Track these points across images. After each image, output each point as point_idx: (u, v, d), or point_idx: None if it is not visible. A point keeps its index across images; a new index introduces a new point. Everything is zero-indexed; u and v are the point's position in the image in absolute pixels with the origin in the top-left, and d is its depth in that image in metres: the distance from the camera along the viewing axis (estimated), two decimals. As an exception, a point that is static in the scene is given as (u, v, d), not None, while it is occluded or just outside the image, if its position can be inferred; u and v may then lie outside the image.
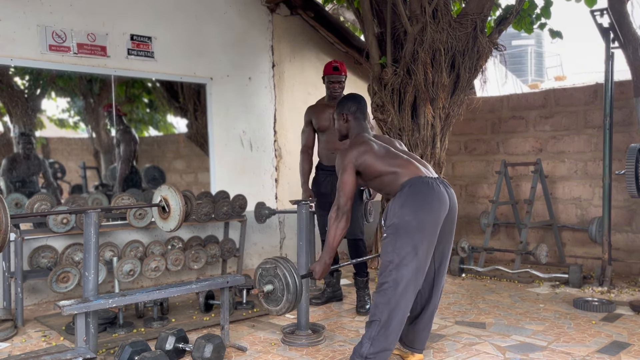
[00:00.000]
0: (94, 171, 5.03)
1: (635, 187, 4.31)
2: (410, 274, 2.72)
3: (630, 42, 4.83)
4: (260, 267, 2.94)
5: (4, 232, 2.51)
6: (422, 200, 2.73)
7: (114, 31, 4.91)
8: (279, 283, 2.82)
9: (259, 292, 2.87)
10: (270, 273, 2.88)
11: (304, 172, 4.39)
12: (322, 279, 3.01)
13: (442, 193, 2.79)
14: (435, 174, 2.91)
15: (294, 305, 2.81)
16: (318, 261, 2.94)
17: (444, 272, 3.04)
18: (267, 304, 2.92)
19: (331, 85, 4.25)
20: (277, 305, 2.87)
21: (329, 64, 4.30)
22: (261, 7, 6.00)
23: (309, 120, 4.35)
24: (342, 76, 4.26)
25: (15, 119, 4.54)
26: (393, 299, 2.72)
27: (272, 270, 2.86)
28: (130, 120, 5.23)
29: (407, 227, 2.71)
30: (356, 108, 3.15)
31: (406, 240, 2.71)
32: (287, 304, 2.81)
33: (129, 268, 4.04)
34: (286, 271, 2.80)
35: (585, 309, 4.11)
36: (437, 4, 5.08)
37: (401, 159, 2.90)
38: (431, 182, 2.78)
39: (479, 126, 6.49)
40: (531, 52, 24.08)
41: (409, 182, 2.78)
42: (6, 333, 3.60)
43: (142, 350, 2.91)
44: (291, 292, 2.78)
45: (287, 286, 2.79)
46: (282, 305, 2.83)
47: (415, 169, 2.85)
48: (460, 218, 6.57)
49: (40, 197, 4.02)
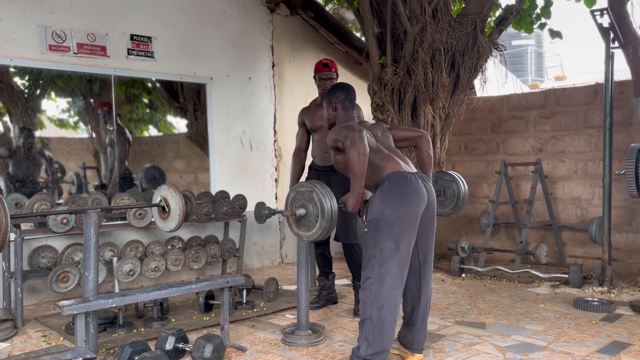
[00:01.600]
0: (94, 171, 5.04)
1: (635, 187, 4.31)
2: (393, 268, 2.75)
3: (630, 42, 4.83)
4: (294, 190, 2.84)
5: (4, 232, 2.51)
6: (400, 195, 2.76)
7: (114, 31, 4.91)
8: (313, 208, 2.71)
9: (290, 215, 2.78)
10: (304, 197, 2.77)
11: (294, 174, 4.39)
12: (355, 210, 2.86)
13: (420, 187, 2.83)
14: (414, 169, 2.96)
15: (327, 232, 2.73)
16: (350, 193, 2.83)
17: (430, 267, 3.06)
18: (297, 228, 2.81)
19: (322, 83, 4.22)
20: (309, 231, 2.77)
21: (319, 62, 4.29)
22: (261, 7, 6.00)
23: (302, 121, 4.32)
24: (333, 73, 4.23)
25: (15, 119, 4.54)
26: (380, 294, 2.74)
27: (307, 194, 2.75)
28: (130, 120, 5.23)
29: (387, 222, 2.74)
30: (345, 97, 3.16)
31: (386, 235, 2.74)
32: (320, 231, 2.72)
33: (128, 268, 4.04)
34: (322, 196, 2.69)
35: (585, 309, 4.11)
36: (437, 4, 5.08)
37: (382, 154, 2.93)
38: (410, 177, 2.82)
39: (479, 126, 6.49)
40: (531, 52, 24.08)
41: (388, 177, 2.82)
42: (6, 333, 3.60)
43: (142, 350, 2.91)
44: (326, 219, 2.68)
45: (322, 212, 2.69)
46: (315, 231, 2.73)
47: (395, 163, 2.89)
48: (460, 218, 6.58)
49: (40, 197, 4.02)
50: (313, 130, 4.26)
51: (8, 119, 4.51)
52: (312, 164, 4.35)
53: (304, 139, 4.37)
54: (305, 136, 4.36)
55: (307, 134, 4.35)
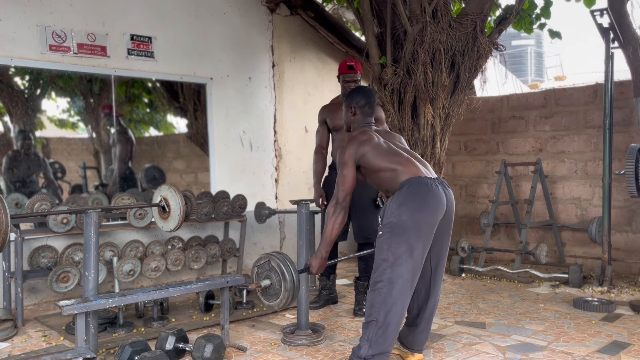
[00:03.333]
0: (94, 171, 5.04)
1: (635, 187, 4.31)
2: (405, 273, 2.71)
3: (630, 42, 4.83)
4: (255, 266, 2.94)
5: (4, 232, 2.51)
6: (419, 200, 2.72)
7: (114, 31, 4.91)
8: (275, 276, 2.81)
9: (256, 287, 2.86)
10: (265, 268, 2.87)
11: (317, 172, 4.32)
12: (319, 273, 2.99)
13: (440, 194, 2.78)
14: (434, 174, 2.90)
15: (292, 294, 2.79)
16: (314, 255, 2.94)
17: (441, 272, 3.04)
18: (267, 300, 2.90)
19: (346, 84, 4.17)
20: (277, 299, 2.85)
21: (344, 63, 4.23)
22: (261, 7, 6.00)
23: (323, 119, 4.28)
24: (358, 75, 4.21)
25: (15, 119, 4.54)
26: (389, 298, 2.71)
27: (266, 265, 2.86)
28: (130, 120, 5.23)
29: (403, 227, 2.70)
30: (365, 102, 3.12)
31: (402, 240, 2.70)
32: (287, 294, 2.78)
33: (129, 268, 4.04)
34: (280, 262, 2.80)
35: (585, 309, 4.11)
36: (437, 4, 5.08)
37: (402, 157, 2.89)
38: (430, 182, 2.78)
39: (479, 126, 6.49)
40: (531, 52, 24.10)
41: (408, 182, 2.77)
42: (6, 333, 3.61)
43: (142, 350, 2.91)
44: (288, 281, 2.77)
45: (283, 276, 2.78)
46: (282, 297, 2.81)
47: (415, 168, 2.84)
48: (460, 218, 6.58)
49: (40, 197, 4.02)
50: (334, 129, 4.22)
51: (8, 119, 4.51)
52: (333, 164, 4.32)
53: (325, 136, 4.32)
54: (326, 134, 4.32)
55: (327, 131, 4.31)
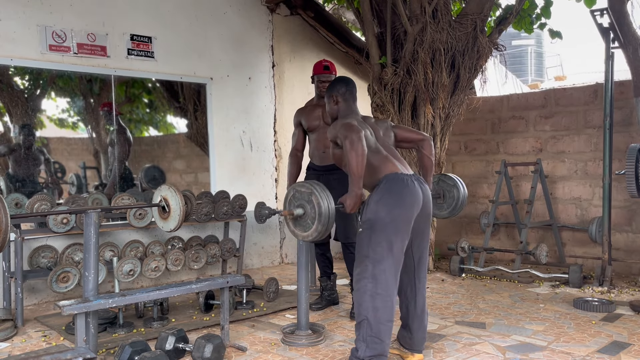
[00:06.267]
0: (94, 171, 5.04)
1: (635, 187, 4.31)
2: (387, 268, 2.77)
3: (630, 42, 4.83)
4: (294, 188, 2.87)
5: (4, 232, 2.51)
6: (396, 197, 2.79)
7: (114, 31, 4.91)
8: (311, 210, 2.75)
9: (288, 214, 2.83)
10: (303, 197, 2.80)
11: (291, 174, 4.35)
12: (354, 211, 2.85)
13: (416, 190, 2.85)
14: (410, 171, 2.98)
15: (322, 234, 2.78)
16: (348, 194, 2.81)
17: (424, 268, 3.08)
18: (293, 227, 2.86)
19: (321, 85, 4.20)
20: (305, 231, 2.82)
21: (319, 63, 4.28)
22: (261, 7, 6.00)
23: (299, 121, 4.31)
24: (332, 75, 4.21)
25: (15, 119, 4.54)
26: (375, 295, 2.75)
27: (306, 195, 2.79)
28: (130, 120, 5.23)
29: (381, 223, 2.76)
30: (345, 89, 3.20)
31: (381, 236, 2.76)
32: (316, 233, 2.77)
33: (129, 268, 4.04)
34: (321, 199, 2.73)
35: (585, 309, 4.11)
36: (437, 4, 5.08)
37: (381, 154, 2.96)
38: (406, 179, 2.85)
39: (479, 126, 6.49)
40: (531, 52, 24.06)
41: (385, 178, 2.84)
42: (6, 333, 3.60)
43: (142, 350, 2.91)
44: (322, 223, 2.73)
45: (319, 215, 2.73)
46: (310, 232, 2.78)
47: (392, 165, 2.92)
48: (460, 218, 6.58)
49: (40, 197, 4.02)
50: (310, 131, 4.26)
51: (8, 119, 4.51)
52: (311, 164, 4.34)
53: (301, 139, 4.36)
54: (302, 136, 4.35)
55: (303, 134, 4.34)
